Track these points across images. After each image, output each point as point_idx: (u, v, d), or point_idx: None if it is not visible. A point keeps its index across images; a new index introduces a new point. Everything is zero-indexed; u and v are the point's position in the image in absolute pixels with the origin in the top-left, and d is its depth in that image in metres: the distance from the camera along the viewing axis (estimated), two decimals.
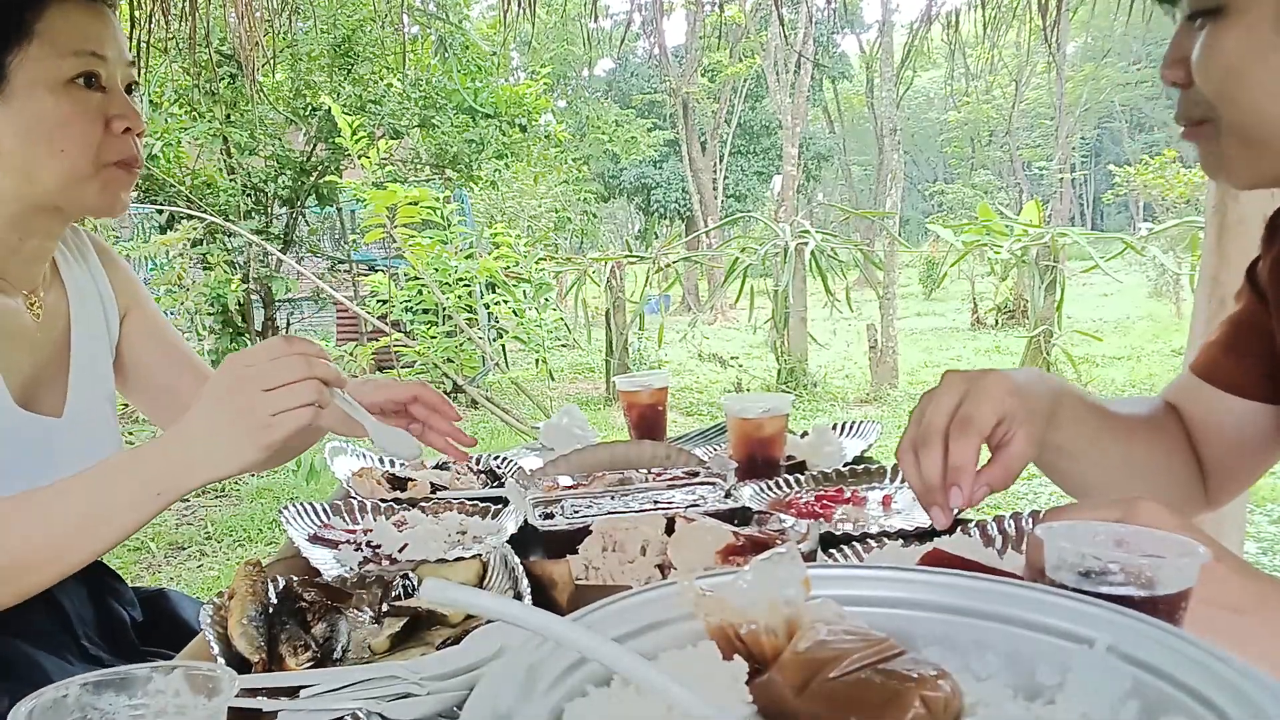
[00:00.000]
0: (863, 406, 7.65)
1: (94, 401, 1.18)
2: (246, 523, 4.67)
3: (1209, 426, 1.05)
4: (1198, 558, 0.60)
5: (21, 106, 1.03)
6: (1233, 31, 0.79)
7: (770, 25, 15.57)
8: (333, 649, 0.87)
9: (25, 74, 1.03)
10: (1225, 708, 0.45)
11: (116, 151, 1.09)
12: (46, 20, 1.04)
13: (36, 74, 1.03)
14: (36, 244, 1.13)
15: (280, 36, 6.32)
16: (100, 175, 1.09)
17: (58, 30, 1.05)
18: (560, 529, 1.12)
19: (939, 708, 0.47)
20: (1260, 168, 0.84)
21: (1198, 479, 1.06)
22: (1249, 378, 1.01)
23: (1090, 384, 7.70)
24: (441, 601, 0.50)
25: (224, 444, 0.90)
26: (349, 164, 7.49)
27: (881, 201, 15.85)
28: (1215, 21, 0.80)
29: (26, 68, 1.03)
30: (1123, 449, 1.03)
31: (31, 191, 1.06)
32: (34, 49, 1.03)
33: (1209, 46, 0.81)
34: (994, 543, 1.03)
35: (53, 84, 1.04)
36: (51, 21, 1.04)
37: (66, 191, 1.07)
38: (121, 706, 0.56)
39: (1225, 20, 0.79)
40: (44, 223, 1.12)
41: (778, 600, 0.53)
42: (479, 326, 7.47)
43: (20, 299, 1.13)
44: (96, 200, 1.10)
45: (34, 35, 1.03)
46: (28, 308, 1.13)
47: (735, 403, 1.51)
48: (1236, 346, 1.03)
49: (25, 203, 1.08)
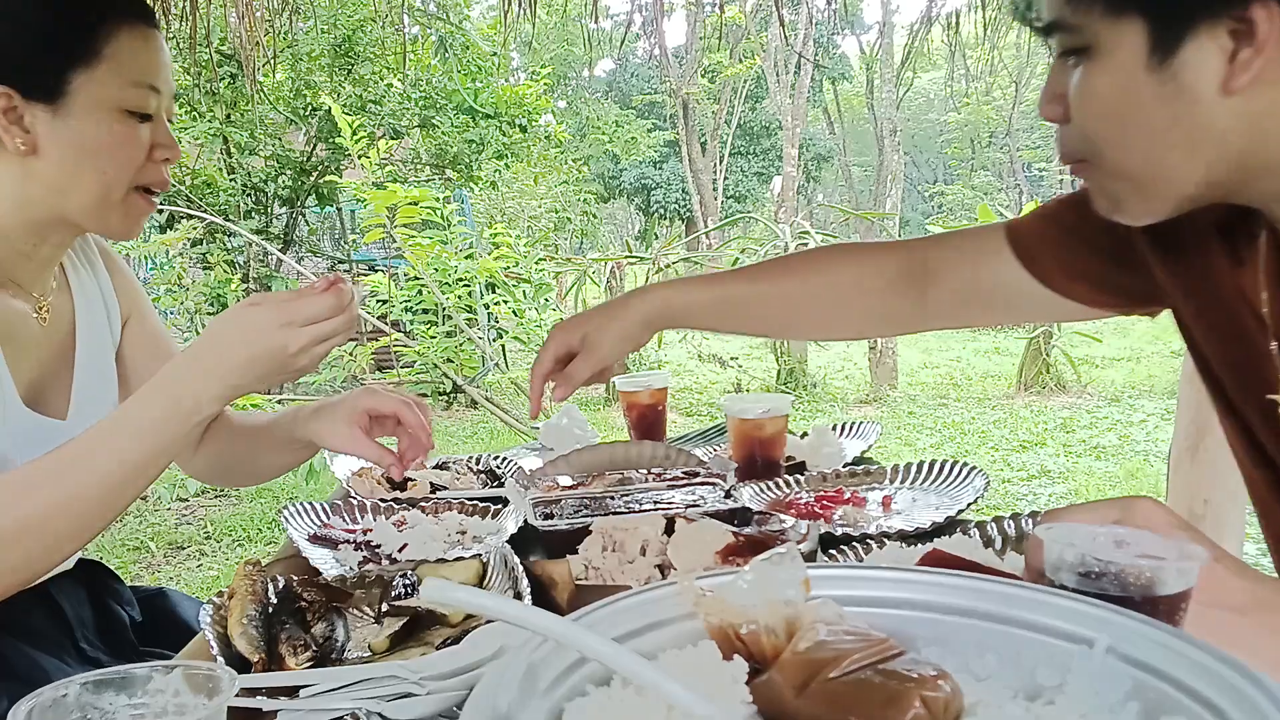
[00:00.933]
0: (862, 407, 7.65)
1: (98, 405, 1.18)
2: (246, 523, 4.67)
3: (980, 284, 1.12)
4: (1197, 559, 0.61)
5: (76, 125, 1.04)
6: (1104, 71, 0.78)
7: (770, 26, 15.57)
8: (332, 649, 0.87)
9: (86, 94, 1.04)
10: (1225, 709, 0.45)
11: (150, 177, 1.11)
12: (114, 45, 1.05)
13: (97, 96, 1.05)
14: (49, 251, 1.14)
15: (280, 36, 6.32)
16: (127, 200, 1.10)
17: (124, 57, 1.06)
18: (560, 529, 1.12)
19: (939, 708, 0.47)
20: (1150, 205, 0.82)
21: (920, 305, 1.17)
22: (1073, 269, 1.04)
23: (1090, 386, 7.70)
24: (441, 601, 0.50)
25: (250, 374, 0.95)
26: (349, 164, 7.48)
27: (881, 202, 15.85)
28: (1086, 62, 0.79)
29: (89, 88, 1.04)
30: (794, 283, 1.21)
31: (60, 204, 1.07)
32: (99, 72, 1.04)
33: (1083, 86, 0.80)
34: (994, 543, 1.03)
35: (110, 109, 1.05)
36: (119, 47, 1.06)
37: (94, 212, 1.09)
38: (121, 706, 0.56)
39: (1095, 61, 0.78)
40: (60, 233, 1.13)
41: (778, 600, 0.53)
42: (479, 327, 7.47)
43: (29, 302, 1.13)
44: (119, 225, 1.12)
45: (102, 58, 1.04)
46: (35, 311, 1.14)
47: (735, 403, 1.51)
48: (1066, 240, 1.03)
49: (50, 213, 1.08)
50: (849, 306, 1.21)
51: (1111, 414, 6.75)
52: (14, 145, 1.02)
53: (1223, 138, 0.75)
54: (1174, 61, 0.74)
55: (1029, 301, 1.10)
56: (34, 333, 1.13)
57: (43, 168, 1.05)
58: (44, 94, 1.02)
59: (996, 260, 1.10)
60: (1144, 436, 6.02)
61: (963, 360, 9.82)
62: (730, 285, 1.23)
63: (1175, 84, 0.74)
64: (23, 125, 1.03)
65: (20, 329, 1.10)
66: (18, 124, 1.02)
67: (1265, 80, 0.72)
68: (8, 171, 1.05)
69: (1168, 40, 0.74)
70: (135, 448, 0.93)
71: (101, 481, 0.92)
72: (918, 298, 1.18)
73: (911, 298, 1.18)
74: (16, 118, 1.02)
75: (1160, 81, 0.75)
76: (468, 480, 1.57)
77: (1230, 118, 0.74)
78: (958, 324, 1.29)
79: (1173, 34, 0.73)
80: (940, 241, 1.21)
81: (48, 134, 1.03)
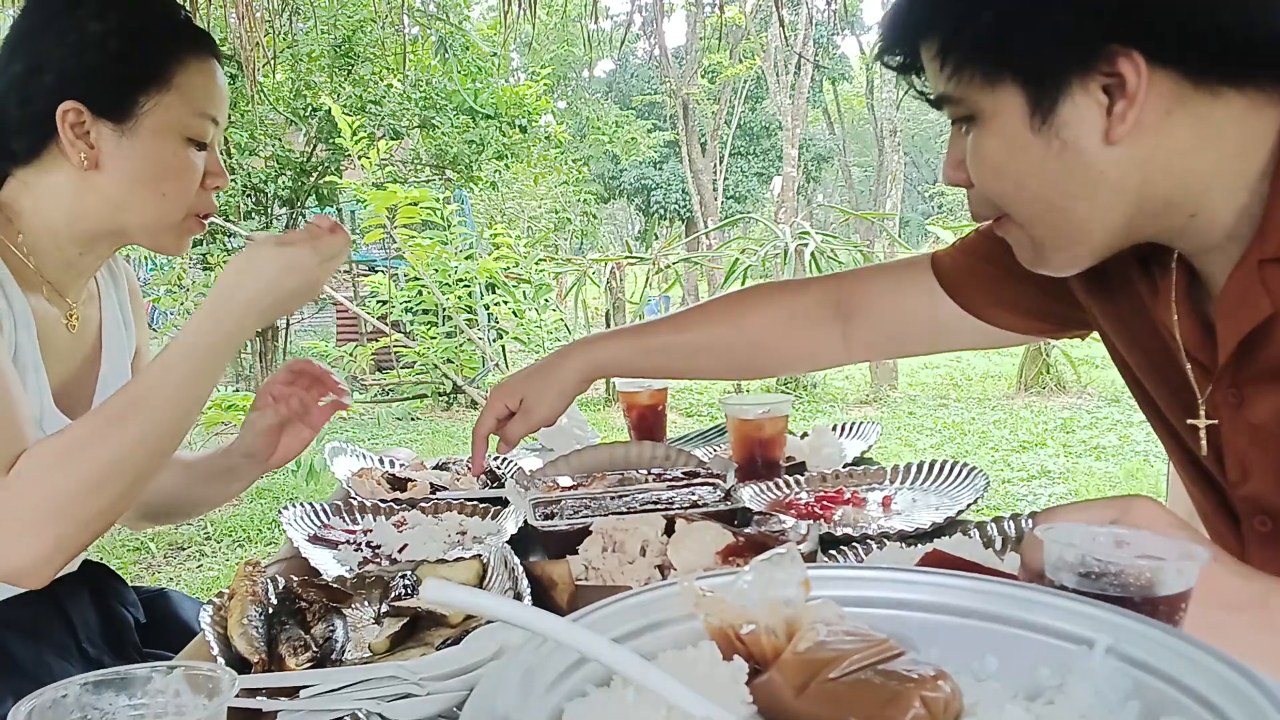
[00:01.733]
0: (862, 408, 7.65)
1: None
2: (246, 523, 4.67)
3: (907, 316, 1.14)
4: (1197, 559, 0.61)
5: (142, 148, 1.08)
6: (992, 136, 0.80)
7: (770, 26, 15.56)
8: (332, 649, 0.87)
9: (154, 119, 1.08)
10: (1225, 709, 0.45)
11: (203, 205, 1.16)
12: (185, 75, 1.10)
13: (165, 122, 1.09)
14: (91, 261, 1.18)
15: (280, 37, 6.33)
16: (183, 224, 1.15)
17: (192, 87, 1.11)
18: (560, 529, 1.12)
19: (939, 708, 0.47)
20: (1071, 254, 0.84)
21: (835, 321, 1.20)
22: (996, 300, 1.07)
23: (1090, 386, 7.70)
24: (441, 601, 0.50)
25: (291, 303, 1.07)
26: (349, 164, 7.49)
27: (881, 203, 15.86)
28: (975, 129, 0.82)
29: (157, 114, 1.08)
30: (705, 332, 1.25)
31: (115, 219, 1.12)
32: (168, 98, 1.09)
33: (975, 152, 0.83)
34: (994, 543, 1.03)
35: (173, 135, 1.10)
36: (189, 77, 1.10)
37: (150, 230, 1.14)
38: (121, 706, 0.56)
39: (983, 127, 0.81)
40: (106, 245, 1.17)
41: (778, 600, 0.53)
42: (479, 327, 7.47)
43: (61, 308, 1.16)
44: (172, 244, 1.17)
45: (172, 86, 1.09)
46: (65, 318, 1.17)
47: (735, 404, 1.51)
48: (1000, 265, 1.04)
49: (103, 227, 1.12)
50: (773, 347, 1.25)
51: (1112, 414, 6.75)
52: (77, 159, 1.06)
53: (1119, 184, 0.77)
54: (1055, 120, 0.76)
55: (958, 331, 1.13)
56: (63, 338, 1.15)
57: (103, 183, 1.09)
58: (114, 113, 1.07)
59: (923, 292, 1.13)
60: (1144, 437, 6.01)
61: (963, 360, 9.82)
62: (655, 335, 1.27)
63: (1060, 140, 0.77)
64: (88, 140, 1.07)
65: (52, 332, 1.13)
66: (84, 139, 1.06)
67: (1144, 126, 0.74)
68: (67, 182, 1.09)
69: (1045, 102, 0.76)
70: (195, 379, 1.01)
71: (170, 414, 0.99)
72: (842, 333, 1.21)
73: (836, 333, 1.21)
74: (83, 133, 1.06)
75: (1045, 141, 0.77)
76: (468, 480, 1.57)
77: (1119, 165, 0.76)
78: (886, 356, 1.35)
79: (1048, 95, 0.76)
80: (864, 276, 1.25)
81: (111, 151, 1.08)
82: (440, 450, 6.20)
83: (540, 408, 1.24)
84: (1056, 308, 1.04)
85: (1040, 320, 1.08)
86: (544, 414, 1.25)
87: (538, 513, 1.19)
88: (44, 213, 1.10)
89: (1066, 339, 1.11)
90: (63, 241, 1.12)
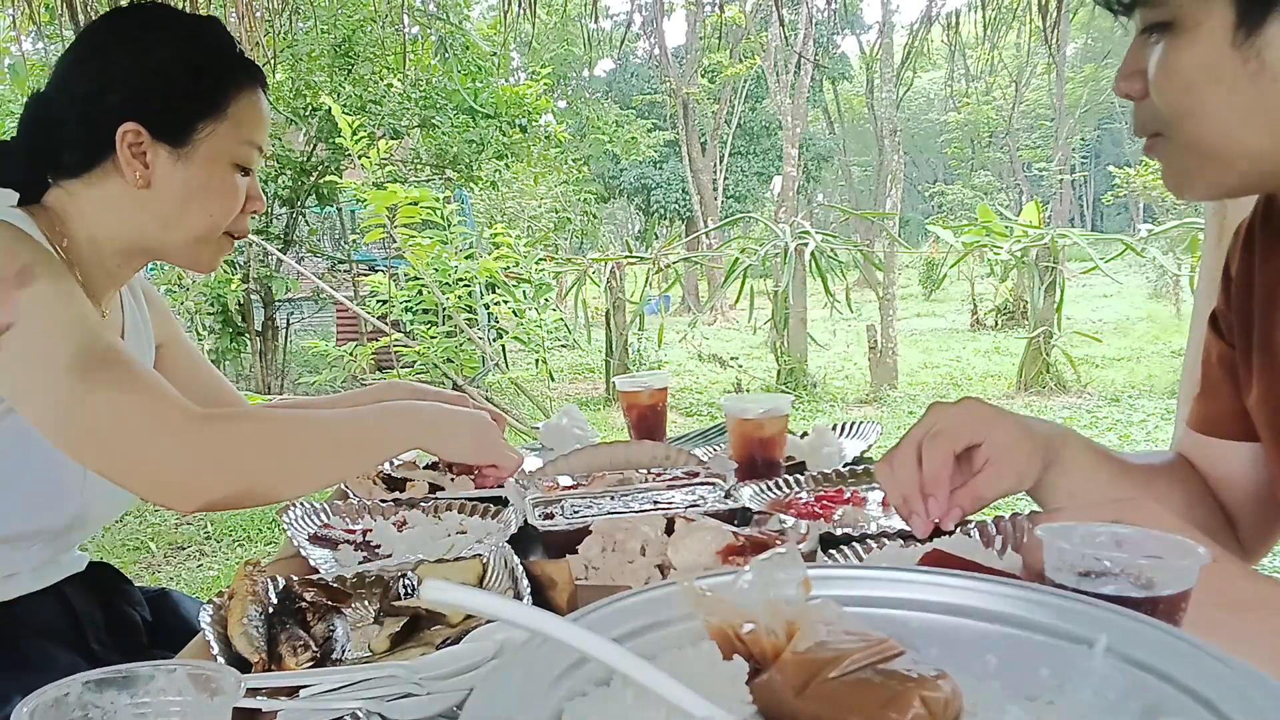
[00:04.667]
0: (862, 407, 7.65)
1: None
2: (246, 523, 4.67)
3: (1220, 476, 1.02)
4: (1197, 558, 0.61)
5: (196, 172, 1.14)
6: (1188, 48, 0.78)
7: (770, 26, 15.57)
8: (333, 649, 0.87)
9: (208, 145, 1.15)
10: (1225, 709, 0.45)
11: (238, 226, 1.22)
12: (238, 105, 1.16)
13: (218, 149, 1.15)
14: (126, 272, 1.23)
15: (280, 36, 6.31)
16: (219, 242, 1.21)
17: (244, 117, 1.17)
18: (560, 529, 1.12)
19: (939, 708, 0.47)
20: (1224, 180, 0.83)
21: (1227, 528, 1.03)
22: (1238, 420, 0.98)
23: (1090, 385, 7.70)
24: (441, 601, 0.50)
25: (469, 440, 1.25)
26: (349, 164, 7.48)
27: (881, 202, 15.85)
28: (1170, 37, 0.79)
29: (211, 141, 1.15)
30: (1143, 498, 1.01)
31: (160, 235, 1.17)
32: (223, 127, 1.15)
33: (1165, 62, 0.80)
34: (994, 543, 1.03)
35: (225, 161, 1.16)
36: (241, 106, 1.17)
37: (190, 247, 1.19)
38: (124, 705, 0.56)
39: (1179, 36, 0.78)
40: (141, 259, 1.22)
41: (778, 600, 0.53)
42: (479, 327, 7.46)
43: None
44: (209, 260, 1.23)
45: (226, 115, 1.15)
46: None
47: (735, 403, 1.51)
48: (1214, 392, 1.01)
49: (147, 242, 1.17)
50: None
51: (1111, 414, 6.75)
52: (132, 177, 1.11)
53: None
54: (1259, 39, 0.74)
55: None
56: None
57: (153, 202, 1.14)
58: (171, 137, 1.12)
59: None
60: (1144, 436, 6.02)
61: (963, 360, 9.82)
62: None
63: (1258, 61, 0.75)
64: (144, 160, 1.12)
65: None
66: (140, 159, 1.11)
67: None
68: (116, 197, 1.13)
69: (1254, 17, 0.74)
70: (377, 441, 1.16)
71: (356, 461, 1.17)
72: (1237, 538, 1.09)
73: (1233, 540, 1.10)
74: (140, 153, 1.11)
75: (1244, 59, 0.75)
76: (466, 480, 1.56)
77: None
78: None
79: (1259, 11, 0.74)
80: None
81: (165, 173, 1.13)
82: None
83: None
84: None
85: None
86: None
87: (538, 512, 1.19)
88: (90, 223, 1.14)
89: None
90: (104, 252, 1.16)
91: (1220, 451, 1.01)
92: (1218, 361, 1.00)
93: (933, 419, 0.93)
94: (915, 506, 0.90)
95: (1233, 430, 0.99)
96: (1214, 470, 1.02)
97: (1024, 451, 0.92)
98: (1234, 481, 1.01)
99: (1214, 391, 1.01)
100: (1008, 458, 0.90)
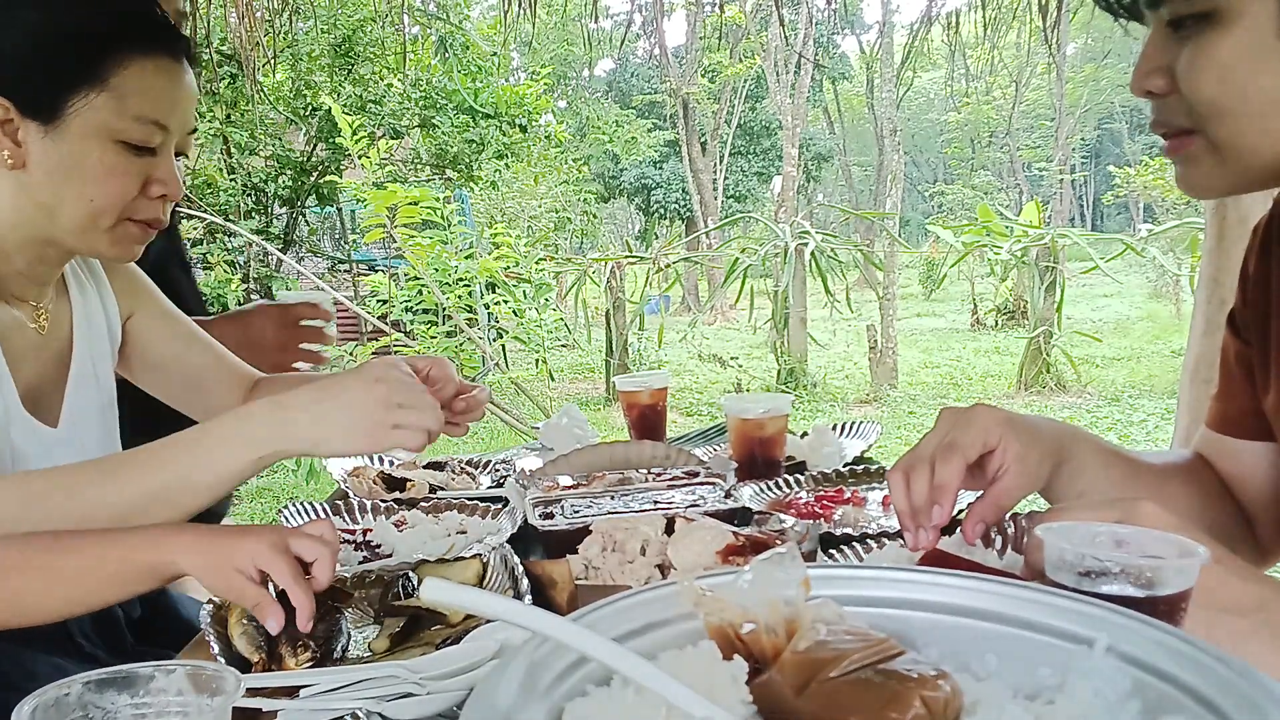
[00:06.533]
0: (862, 407, 7.65)
1: (89, 415, 1.18)
2: (246, 523, 4.67)
3: (1238, 476, 1.02)
4: (1198, 558, 0.61)
5: (67, 148, 1.02)
6: (1228, 39, 0.75)
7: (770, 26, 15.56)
8: (333, 649, 0.87)
9: (82, 120, 1.02)
10: (1225, 708, 0.45)
11: (143, 212, 1.09)
12: (123, 75, 1.02)
13: (93, 123, 1.02)
14: (45, 270, 1.13)
15: (280, 36, 6.32)
16: (117, 229, 1.08)
17: (130, 90, 1.03)
18: (560, 529, 1.12)
19: (939, 708, 0.47)
20: (1248, 177, 0.81)
21: (1244, 528, 1.02)
22: (1257, 420, 0.98)
23: (1090, 385, 7.70)
24: (441, 601, 0.50)
25: (340, 427, 0.93)
26: (349, 164, 7.49)
27: (881, 202, 15.86)
28: (1207, 29, 0.77)
29: (86, 115, 1.02)
30: (1155, 497, 1.02)
31: (49, 225, 1.06)
32: (100, 99, 1.02)
33: (1201, 55, 0.77)
34: (994, 543, 1.03)
35: (104, 138, 1.03)
36: (128, 78, 1.03)
37: (81, 235, 1.07)
38: (124, 705, 0.56)
39: (1219, 27, 0.76)
40: (54, 253, 1.12)
41: (778, 600, 0.53)
42: (479, 327, 7.46)
43: (26, 310, 1.13)
44: (108, 250, 1.10)
45: (105, 86, 1.02)
46: (33, 320, 1.13)
47: (735, 403, 1.51)
48: (1231, 392, 1.01)
49: (41, 232, 1.07)
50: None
51: (1111, 414, 6.75)
52: (2, 158, 1.01)
53: None
54: None
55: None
56: (31, 340, 1.12)
57: (31, 184, 1.03)
58: (39, 112, 1.01)
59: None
60: (1144, 436, 6.02)
61: (963, 360, 9.82)
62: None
63: None
64: (15, 139, 1.01)
65: (17, 337, 1.10)
66: (10, 137, 1.01)
67: None
68: (4, 185, 1.04)
69: None
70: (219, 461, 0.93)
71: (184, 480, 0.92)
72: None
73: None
74: (11, 131, 1.01)
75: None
76: (466, 480, 1.57)
77: None
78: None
79: None
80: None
81: (38, 152, 1.02)
82: (440, 449, 6.19)
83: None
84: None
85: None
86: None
87: (537, 512, 1.19)
88: None
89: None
90: (11, 250, 1.08)
91: (1238, 451, 1.01)
92: (1236, 361, 1.00)
93: (946, 428, 0.92)
94: (922, 521, 0.90)
95: (1251, 430, 0.99)
96: (1232, 470, 1.02)
97: (1036, 455, 0.92)
98: (1252, 481, 1.00)
99: (1232, 391, 1.01)
100: (1022, 465, 0.90)
